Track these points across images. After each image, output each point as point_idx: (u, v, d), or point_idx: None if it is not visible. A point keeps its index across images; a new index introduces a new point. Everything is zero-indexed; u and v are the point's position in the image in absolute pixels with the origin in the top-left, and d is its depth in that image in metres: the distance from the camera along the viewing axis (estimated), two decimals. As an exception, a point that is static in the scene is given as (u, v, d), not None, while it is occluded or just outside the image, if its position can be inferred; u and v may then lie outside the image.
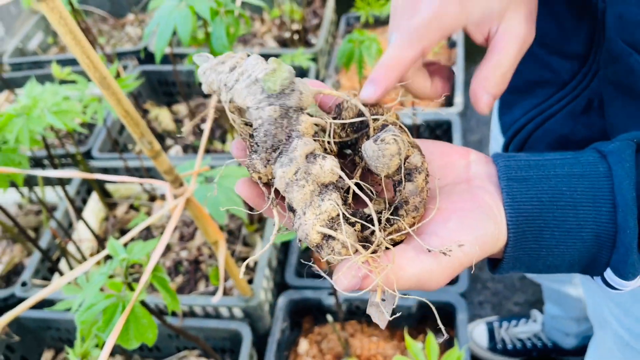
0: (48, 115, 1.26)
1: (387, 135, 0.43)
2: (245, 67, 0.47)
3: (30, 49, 2.67)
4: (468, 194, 0.47)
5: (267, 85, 0.45)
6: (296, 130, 0.44)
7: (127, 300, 0.90)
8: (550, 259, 0.47)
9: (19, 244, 1.86)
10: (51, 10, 0.72)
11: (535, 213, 0.45)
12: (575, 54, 0.66)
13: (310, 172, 0.43)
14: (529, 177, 0.46)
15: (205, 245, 1.71)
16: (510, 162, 0.48)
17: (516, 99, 0.79)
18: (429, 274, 0.43)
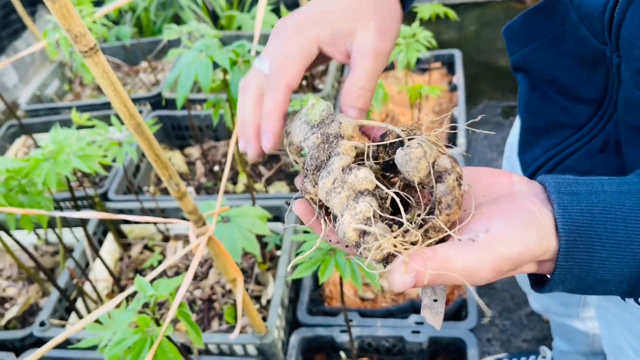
0: (74, 160, 1.33)
1: (412, 142, 0.48)
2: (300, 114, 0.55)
3: (47, 95, 2.77)
4: (513, 202, 0.48)
5: (309, 117, 0.52)
6: (336, 152, 0.51)
7: (155, 336, 0.94)
8: (601, 272, 0.47)
9: (34, 284, 1.89)
10: (96, 64, 0.79)
11: (586, 224, 0.46)
12: (590, 99, 0.71)
13: (346, 180, 0.48)
14: (579, 191, 0.48)
15: (218, 285, 1.75)
16: (559, 179, 0.49)
17: (536, 139, 0.84)
18: (475, 267, 0.44)
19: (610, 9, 0.60)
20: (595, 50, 0.66)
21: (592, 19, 0.64)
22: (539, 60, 0.79)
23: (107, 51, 2.88)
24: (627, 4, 0.57)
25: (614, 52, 0.63)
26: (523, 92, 0.87)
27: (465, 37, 3.62)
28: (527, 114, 0.87)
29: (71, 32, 0.72)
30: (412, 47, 1.89)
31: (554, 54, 0.76)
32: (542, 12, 0.76)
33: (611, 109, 0.68)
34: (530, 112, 0.86)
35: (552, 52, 0.76)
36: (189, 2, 3.12)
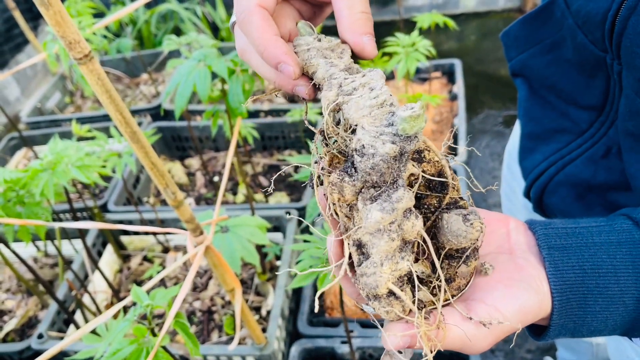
0: (73, 170, 1.32)
1: (476, 221, 0.45)
2: (369, 78, 0.45)
3: (48, 108, 2.78)
4: (512, 264, 0.48)
5: (405, 126, 0.41)
6: (402, 177, 0.43)
7: (151, 346, 0.92)
8: (594, 324, 0.48)
9: (33, 297, 1.88)
10: (90, 72, 0.79)
11: (578, 281, 0.47)
12: (590, 105, 0.70)
13: (403, 227, 0.43)
14: (569, 245, 0.48)
15: (218, 296, 1.73)
16: (548, 230, 0.49)
17: (536, 145, 0.83)
18: (472, 339, 0.45)
19: (611, 17, 0.59)
20: (594, 57, 0.65)
21: (591, 26, 0.63)
22: (537, 65, 0.79)
23: (108, 63, 2.89)
24: (630, 13, 0.56)
25: (614, 60, 0.62)
26: (522, 98, 0.86)
27: (466, 47, 3.63)
28: (527, 119, 0.86)
29: (66, 39, 0.72)
30: (411, 56, 1.89)
31: (551, 60, 0.75)
32: (539, 18, 0.76)
33: (613, 114, 0.68)
34: (531, 118, 0.85)
35: (550, 57, 0.75)
36: (189, 15, 3.14)
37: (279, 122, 2.24)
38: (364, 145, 0.42)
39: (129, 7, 1.47)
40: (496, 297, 0.46)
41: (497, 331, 0.45)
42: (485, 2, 3.88)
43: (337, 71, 0.46)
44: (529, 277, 0.47)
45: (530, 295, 0.46)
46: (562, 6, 0.70)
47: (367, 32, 0.50)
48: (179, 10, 3.12)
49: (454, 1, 3.89)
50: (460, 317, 0.45)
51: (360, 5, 0.50)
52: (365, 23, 0.50)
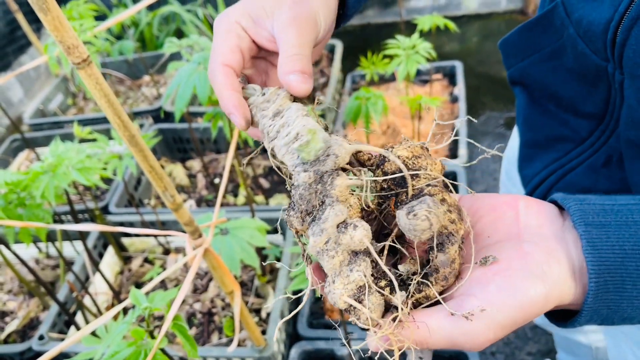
0: (73, 172, 1.33)
1: (420, 211, 0.43)
2: (286, 118, 0.48)
3: (51, 109, 2.79)
4: (516, 251, 0.45)
5: (302, 155, 0.44)
6: (330, 195, 0.44)
7: (149, 348, 0.93)
8: (629, 311, 0.45)
9: (34, 298, 1.89)
10: (89, 76, 0.79)
11: (617, 262, 0.43)
12: (591, 113, 0.70)
13: (340, 242, 0.43)
14: (608, 223, 0.44)
15: (218, 297, 1.74)
16: (584, 206, 0.45)
17: (536, 153, 0.83)
18: (463, 336, 0.43)
19: (613, 27, 0.59)
20: (595, 67, 0.65)
21: (592, 36, 0.63)
22: (537, 73, 0.78)
23: (110, 65, 2.91)
24: (632, 24, 0.56)
25: (616, 69, 0.62)
26: (521, 106, 0.86)
27: (467, 49, 3.63)
28: (527, 127, 0.86)
29: (64, 44, 0.73)
30: (411, 58, 1.89)
31: (551, 68, 0.75)
32: (538, 26, 0.75)
33: (613, 123, 0.67)
34: (530, 126, 0.85)
35: (550, 66, 0.75)
36: (191, 17, 3.15)
37: (280, 124, 2.24)
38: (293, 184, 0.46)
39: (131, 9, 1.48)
40: (491, 291, 0.43)
41: (494, 326, 0.42)
42: (487, 3, 3.88)
43: (266, 121, 0.50)
44: (534, 263, 0.44)
45: (532, 285, 0.43)
46: (562, 15, 0.69)
47: (293, 71, 0.52)
48: (181, 12, 3.13)
49: (455, 3, 3.89)
50: (445, 314, 0.43)
51: (294, 48, 0.53)
52: (294, 62, 0.52)
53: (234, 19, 0.57)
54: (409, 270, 0.46)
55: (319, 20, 0.56)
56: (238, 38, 0.57)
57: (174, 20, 3.28)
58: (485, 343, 0.43)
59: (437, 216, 0.43)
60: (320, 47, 0.64)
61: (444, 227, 0.44)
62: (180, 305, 1.74)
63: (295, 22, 0.54)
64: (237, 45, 0.56)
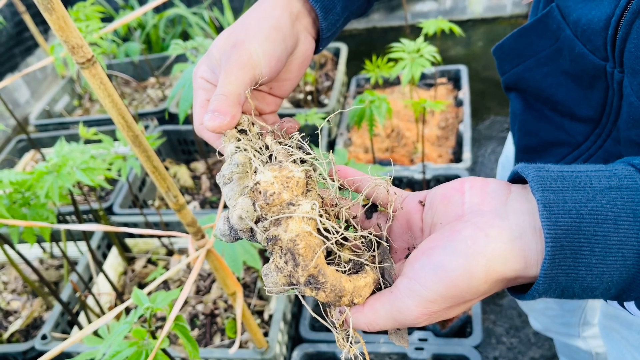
0: (77, 173, 1.33)
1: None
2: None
3: (57, 111, 2.80)
4: (448, 230, 0.47)
5: None
6: None
7: (150, 348, 0.93)
8: (588, 280, 0.44)
9: (38, 298, 1.90)
10: (93, 76, 0.80)
11: (574, 227, 0.42)
12: (587, 117, 0.70)
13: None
14: (565, 188, 0.44)
15: (221, 299, 1.74)
16: (542, 172, 0.45)
17: (533, 159, 0.83)
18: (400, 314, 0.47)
19: (614, 22, 0.58)
20: (593, 67, 0.64)
21: (591, 34, 0.63)
22: (533, 78, 0.78)
23: (116, 67, 2.92)
24: (634, 17, 0.56)
25: (615, 68, 0.61)
26: (517, 112, 0.85)
27: (473, 53, 3.62)
28: (523, 133, 0.85)
29: (69, 44, 0.73)
30: (416, 62, 1.89)
31: (547, 72, 0.74)
32: (534, 30, 0.75)
33: (610, 126, 0.67)
34: (526, 132, 0.84)
35: (546, 70, 0.74)
36: (197, 19, 3.17)
37: (284, 126, 2.24)
38: None
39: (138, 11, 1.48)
40: (416, 269, 0.46)
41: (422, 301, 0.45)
42: (492, 8, 3.88)
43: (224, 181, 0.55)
44: (458, 239, 0.45)
45: (450, 259, 0.44)
46: (558, 18, 0.69)
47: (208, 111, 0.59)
48: (187, 14, 3.14)
49: (461, 7, 3.90)
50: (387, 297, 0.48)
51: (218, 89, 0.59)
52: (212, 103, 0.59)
53: (199, 74, 0.65)
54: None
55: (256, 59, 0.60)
56: (205, 92, 0.64)
57: (180, 22, 3.30)
58: (419, 317, 0.46)
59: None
60: (297, 68, 0.67)
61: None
62: (183, 306, 1.75)
63: (226, 65, 0.60)
64: (205, 99, 0.64)
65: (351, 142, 2.37)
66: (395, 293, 0.47)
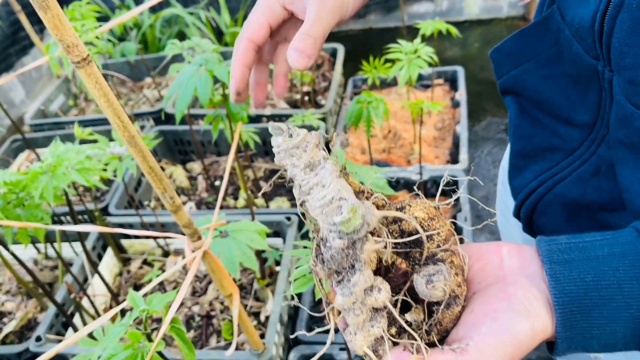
0: (72, 173, 1.32)
1: (438, 283, 0.49)
2: (321, 177, 0.52)
3: (52, 110, 2.79)
4: (502, 293, 0.49)
5: (341, 228, 0.48)
6: (360, 260, 0.49)
7: (146, 351, 0.92)
8: (604, 337, 0.48)
9: (33, 299, 1.88)
10: (88, 75, 0.78)
11: (580, 294, 0.47)
12: (582, 122, 0.69)
13: (365, 303, 0.49)
14: (571, 259, 0.49)
15: (217, 300, 1.73)
16: (551, 245, 0.50)
17: (526, 164, 0.82)
18: None
19: (600, 18, 0.58)
20: (588, 67, 0.64)
21: (583, 32, 0.62)
22: (531, 81, 0.77)
23: (112, 67, 2.90)
24: (617, 11, 0.55)
25: (606, 67, 0.61)
26: (512, 116, 0.84)
27: (469, 55, 3.63)
28: (517, 137, 0.84)
29: (64, 42, 0.72)
30: (413, 63, 1.89)
31: (546, 75, 0.74)
32: (535, 32, 0.74)
33: (603, 130, 0.66)
34: (520, 136, 0.84)
35: (545, 72, 0.74)
36: (193, 19, 3.16)
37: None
38: (322, 238, 0.50)
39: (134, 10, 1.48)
40: (484, 332, 0.47)
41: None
42: (489, 9, 3.89)
43: (298, 171, 0.53)
44: (517, 302, 0.48)
45: (518, 322, 0.47)
46: (558, 19, 0.69)
47: (296, 48, 0.60)
48: (183, 14, 3.13)
49: (457, 8, 3.90)
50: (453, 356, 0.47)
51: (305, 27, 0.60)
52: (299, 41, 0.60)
53: None
54: (416, 320, 0.52)
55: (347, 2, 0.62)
56: (272, 14, 0.65)
57: (176, 22, 3.29)
58: None
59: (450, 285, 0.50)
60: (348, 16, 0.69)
61: (452, 290, 0.50)
62: (179, 308, 1.74)
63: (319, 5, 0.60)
64: (267, 22, 0.65)
65: (348, 143, 2.36)
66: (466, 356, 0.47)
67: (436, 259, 0.51)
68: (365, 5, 0.77)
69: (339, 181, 0.51)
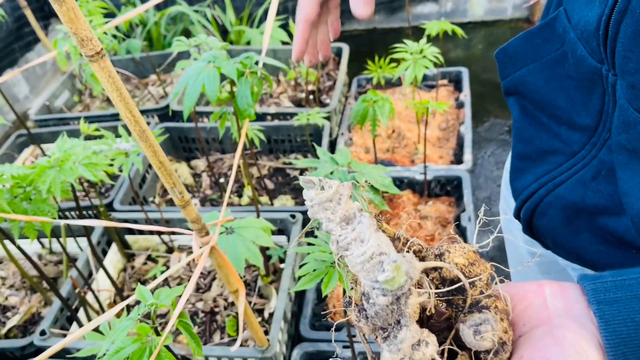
0: (80, 168, 1.33)
1: (486, 333, 0.48)
2: (359, 232, 0.51)
3: (57, 106, 2.79)
4: (550, 337, 0.48)
5: (385, 286, 0.48)
6: (405, 315, 0.48)
7: (154, 345, 0.92)
8: None
9: (37, 294, 1.89)
10: (102, 69, 0.79)
11: (631, 334, 0.46)
12: (584, 125, 0.69)
13: (414, 358, 0.48)
14: (619, 298, 0.48)
15: (221, 297, 1.74)
16: (597, 284, 0.49)
17: (527, 166, 0.82)
18: None
19: (605, 22, 0.58)
20: (592, 70, 0.64)
21: (588, 36, 0.63)
22: (535, 82, 0.77)
23: (117, 64, 2.91)
24: (621, 16, 0.55)
25: (610, 71, 0.61)
26: (515, 118, 0.84)
27: (473, 56, 3.63)
28: (519, 139, 0.85)
29: (78, 36, 0.72)
30: (419, 63, 1.89)
31: (551, 77, 0.74)
32: (541, 34, 0.74)
33: (605, 134, 0.67)
34: (522, 138, 0.84)
35: (549, 74, 0.74)
36: (199, 17, 3.16)
37: (286, 125, 2.24)
38: (363, 293, 0.49)
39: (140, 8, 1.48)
40: None
41: None
42: (493, 11, 3.89)
43: (334, 226, 0.52)
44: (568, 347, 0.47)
45: None
46: (564, 21, 0.69)
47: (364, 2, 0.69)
48: (188, 12, 3.14)
49: (462, 10, 3.90)
50: None
51: None
52: None
53: None
54: None
55: None
56: None
57: (181, 20, 3.29)
58: None
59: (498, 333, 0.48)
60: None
61: (500, 337, 0.49)
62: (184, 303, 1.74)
63: None
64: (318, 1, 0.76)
65: (352, 142, 2.37)
66: None
67: (480, 306, 0.50)
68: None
69: (378, 235, 0.50)
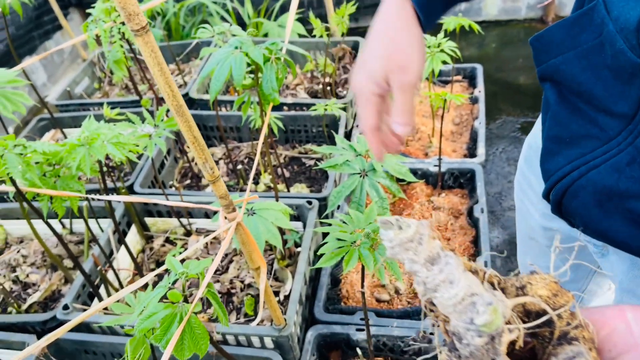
0: (108, 146, 1.37)
1: None
2: (447, 274, 0.50)
3: (76, 93, 2.85)
4: None
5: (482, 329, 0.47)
6: (499, 353, 0.48)
7: (184, 312, 0.97)
8: None
9: (57, 272, 1.94)
10: (146, 44, 0.83)
11: None
12: (622, 113, 0.71)
13: None
14: None
15: (237, 279, 1.78)
16: None
17: (561, 149, 0.84)
18: None
19: None
20: (631, 64, 0.66)
21: (627, 33, 0.65)
22: (571, 70, 0.79)
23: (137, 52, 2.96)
24: None
25: None
26: (550, 102, 0.87)
27: (486, 55, 3.66)
28: (554, 123, 0.87)
29: (126, 10, 0.77)
30: (437, 56, 1.93)
31: (587, 66, 0.75)
32: (578, 24, 0.76)
33: None
34: (558, 122, 0.86)
35: (586, 63, 0.76)
36: (217, 8, 3.20)
37: (302, 115, 2.28)
38: (454, 333, 0.48)
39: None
40: None
41: None
42: (507, 10, 3.91)
43: (419, 267, 0.51)
44: None
45: None
46: (603, 12, 0.70)
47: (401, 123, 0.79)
48: (208, 3, 3.18)
49: (476, 8, 3.93)
50: None
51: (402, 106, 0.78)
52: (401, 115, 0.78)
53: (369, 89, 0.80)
54: None
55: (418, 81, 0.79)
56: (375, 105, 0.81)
57: (200, 11, 3.34)
58: None
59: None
60: None
61: None
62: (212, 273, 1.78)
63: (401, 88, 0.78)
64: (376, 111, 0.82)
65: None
66: None
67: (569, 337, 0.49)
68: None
69: (467, 276, 0.50)
